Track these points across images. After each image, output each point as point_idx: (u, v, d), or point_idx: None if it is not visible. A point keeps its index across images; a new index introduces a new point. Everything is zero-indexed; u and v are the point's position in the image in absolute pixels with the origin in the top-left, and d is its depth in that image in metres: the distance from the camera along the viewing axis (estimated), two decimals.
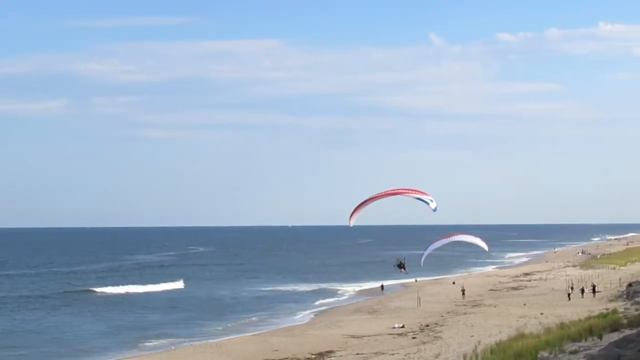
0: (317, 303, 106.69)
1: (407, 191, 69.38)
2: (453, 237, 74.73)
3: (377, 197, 70.69)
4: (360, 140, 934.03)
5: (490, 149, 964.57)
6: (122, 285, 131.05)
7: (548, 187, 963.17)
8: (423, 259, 78.14)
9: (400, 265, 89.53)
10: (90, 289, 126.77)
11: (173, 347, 70.44)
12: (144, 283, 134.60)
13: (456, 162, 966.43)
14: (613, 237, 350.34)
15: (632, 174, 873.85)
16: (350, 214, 70.89)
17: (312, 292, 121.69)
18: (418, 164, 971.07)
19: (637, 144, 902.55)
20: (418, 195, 69.25)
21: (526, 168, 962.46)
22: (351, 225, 71.83)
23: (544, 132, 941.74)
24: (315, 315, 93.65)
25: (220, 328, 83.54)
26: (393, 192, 70.21)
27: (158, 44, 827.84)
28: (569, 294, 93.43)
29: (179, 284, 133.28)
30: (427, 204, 71.23)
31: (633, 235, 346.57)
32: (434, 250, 77.04)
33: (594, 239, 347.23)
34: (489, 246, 78.05)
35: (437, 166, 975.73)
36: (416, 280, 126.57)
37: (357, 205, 70.58)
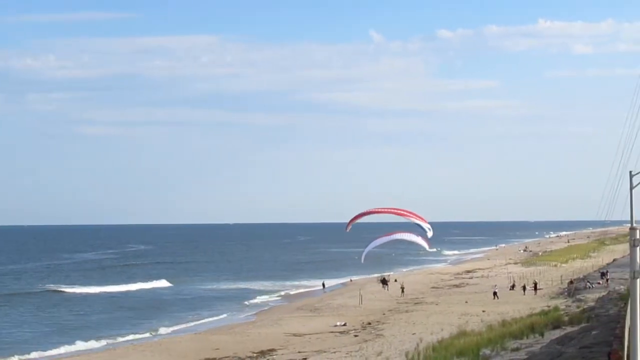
0: (258, 301, 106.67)
1: (409, 214, 70.04)
2: (394, 235, 75.03)
3: (377, 211, 71.24)
4: (301, 137, 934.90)
5: (431, 146, 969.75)
6: (64, 285, 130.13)
7: (489, 184, 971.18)
8: (363, 256, 78.43)
9: (384, 281, 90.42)
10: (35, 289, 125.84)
11: (112, 347, 70.12)
12: (87, 283, 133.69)
13: (397, 159, 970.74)
14: (555, 235, 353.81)
15: (572, 171, 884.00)
16: (349, 221, 71.56)
17: (254, 290, 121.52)
18: (359, 161, 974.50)
19: (578, 141, 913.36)
20: (418, 221, 69.95)
21: (467, 165, 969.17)
22: (347, 230, 72.74)
23: (483, 129, 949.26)
24: (256, 313, 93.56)
25: (161, 326, 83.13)
26: (395, 211, 70.87)
27: (94, 40, 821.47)
28: (494, 293, 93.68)
29: (121, 284, 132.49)
30: (425, 232, 72.04)
31: (575, 233, 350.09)
32: (374, 247, 77.32)
33: (535, 237, 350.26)
34: (430, 244, 78.48)
35: (378, 163, 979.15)
36: (351, 280, 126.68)
37: (357, 214, 71.23)
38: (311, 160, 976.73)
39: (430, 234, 72.96)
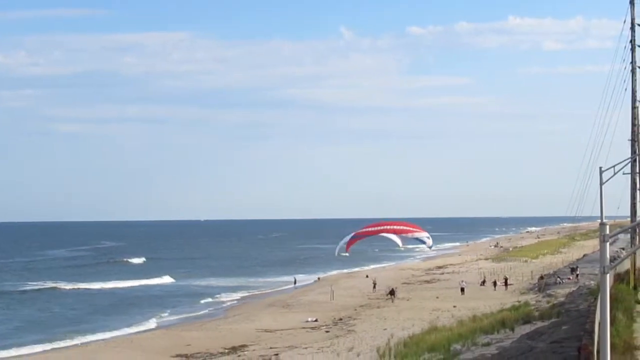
0: (230, 298, 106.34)
1: (406, 230, 70.20)
2: (362, 231, 74.96)
3: (375, 232, 71.34)
4: (272, 134, 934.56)
5: (403, 143, 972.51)
6: (35, 282, 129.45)
7: (460, 181, 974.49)
8: (337, 250, 78.37)
9: (392, 293, 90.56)
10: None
11: (83, 344, 69.65)
12: (58, 280, 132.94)
13: (368, 155, 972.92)
14: (525, 230, 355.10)
15: (544, 167, 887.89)
16: (346, 245, 71.61)
17: (225, 286, 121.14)
18: (333, 158, 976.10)
19: (549, 137, 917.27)
20: (416, 235, 70.12)
21: (438, 162, 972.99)
22: (347, 254, 72.95)
23: (455, 126, 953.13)
24: (228, 309, 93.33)
25: (132, 323, 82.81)
26: (392, 228, 70.99)
27: (66, 36, 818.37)
28: (462, 289, 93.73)
29: (93, 281, 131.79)
30: (424, 242, 72.26)
31: (545, 228, 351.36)
32: (345, 243, 77.21)
33: (506, 233, 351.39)
34: (402, 240, 78.48)
35: (349, 160, 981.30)
36: (319, 279, 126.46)
37: (354, 236, 71.33)
38: (285, 157, 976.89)
39: (430, 242, 73.36)
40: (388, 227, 72.73)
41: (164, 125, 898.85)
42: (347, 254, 75.25)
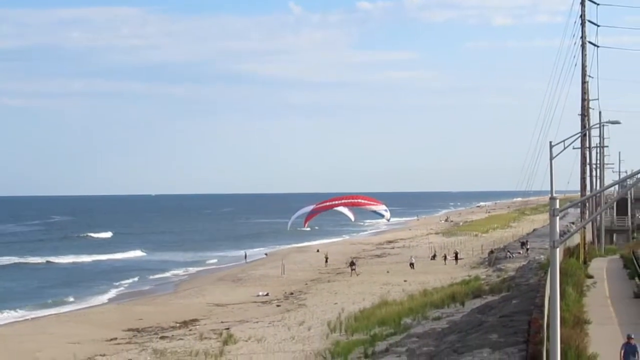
0: (180, 272, 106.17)
1: (363, 203, 70.27)
2: (319, 205, 75.03)
3: (332, 205, 71.31)
4: (221, 109, 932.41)
5: (353, 118, 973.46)
6: None
7: (410, 155, 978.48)
8: (290, 224, 78.42)
9: (352, 264, 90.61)
10: None
11: (34, 318, 69.25)
12: (8, 254, 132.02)
13: (316, 130, 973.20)
14: (475, 205, 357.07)
15: (494, 142, 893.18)
16: (305, 219, 71.52)
17: (175, 261, 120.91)
18: (282, 133, 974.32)
19: (498, 112, 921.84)
20: (374, 208, 70.22)
21: (389, 136, 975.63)
22: (305, 227, 72.84)
23: (405, 100, 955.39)
24: (178, 284, 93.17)
25: (83, 297, 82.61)
26: (349, 201, 71.03)
27: (10, 10, 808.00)
28: (411, 264, 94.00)
29: (45, 255, 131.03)
30: (382, 215, 72.37)
31: (495, 203, 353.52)
32: (298, 217, 77.28)
33: (457, 207, 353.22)
34: (358, 214, 78.72)
35: (297, 135, 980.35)
36: (266, 255, 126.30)
37: (312, 211, 71.23)
38: (234, 132, 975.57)
39: (388, 215, 73.61)
40: (345, 201, 72.88)
41: (111, 100, 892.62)
42: (307, 229, 75.53)
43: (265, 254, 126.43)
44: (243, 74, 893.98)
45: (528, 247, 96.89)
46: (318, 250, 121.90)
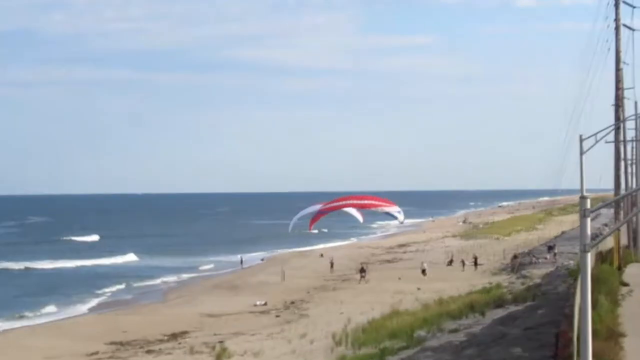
0: (170, 279, 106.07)
1: (375, 204, 70.05)
2: (326, 205, 74.86)
3: (340, 206, 71.15)
4: (214, 98, 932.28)
5: (358, 108, 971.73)
6: None
7: (424, 151, 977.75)
8: (291, 226, 78.31)
9: (362, 271, 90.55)
10: None
11: (1, 330, 69.10)
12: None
13: (322, 121, 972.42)
14: (497, 205, 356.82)
15: (516, 135, 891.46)
16: (310, 222, 71.37)
17: (166, 267, 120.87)
18: (279, 125, 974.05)
19: (521, 102, 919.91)
20: (386, 209, 70.00)
21: (397, 130, 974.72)
22: (311, 231, 72.60)
23: (416, 89, 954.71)
24: (168, 292, 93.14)
25: (63, 306, 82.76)
26: (360, 204, 70.82)
27: None
28: (423, 270, 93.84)
29: (21, 260, 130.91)
30: (396, 217, 72.21)
31: (519, 203, 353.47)
32: (300, 219, 77.18)
33: (475, 207, 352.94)
34: (362, 215, 78.50)
35: (298, 127, 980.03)
36: (262, 260, 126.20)
37: (318, 212, 71.06)
38: (228, 124, 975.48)
39: (401, 217, 73.43)
40: (355, 202, 72.66)
41: (94, 88, 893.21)
42: (315, 231, 75.34)
43: (262, 260, 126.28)
44: (240, 61, 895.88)
45: (556, 251, 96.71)
46: (322, 255, 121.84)
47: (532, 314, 41.52)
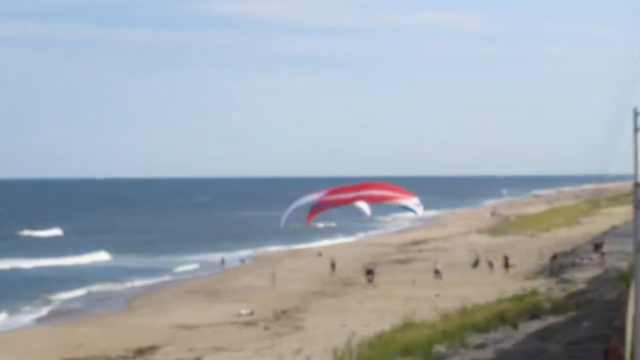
0: (137, 283, 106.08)
1: (389, 196, 69.68)
2: (327, 196, 74.64)
3: (347, 200, 70.72)
4: (192, 60, 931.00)
5: (363, 73, 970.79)
6: None
7: (442, 126, 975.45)
8: (284, 219, 78.10)
9: (369, 273, 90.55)
10: None
11: None
12: None
13: (318, 91, 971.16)
14: (533, 193, 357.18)
15: (553, 109, 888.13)
16: (309, 214, 71.03)
17: (131, 268, 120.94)
18: (268, 93, 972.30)
19: (560, 66, 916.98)
20: (403, 202, 69.64)
21: (412, 100, 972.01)
22: (310, 224, 72.21)
23: (432, 50, 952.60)
24: (134, 298, 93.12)
25: (9, 315, 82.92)
26: (369, 195, 70.37)
27: None
28: (436, 271, 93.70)
29: None
30: (414, 211, 71.92)
31: (559, 191, 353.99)
32: (295, 210, 77.05)
33: (506, 196, 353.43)
34: (370, 207, 78.38)
35: (294, 96, 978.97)
36: (243, 261, 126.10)
37: (318, 204, 70.67)
38: (210, 91, 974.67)
39: (420, 211, 73.03)
40: (365, 192, 72.26)
41: (47, 49, 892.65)
42: (321, 225, 75.17)
43: (242, 261, 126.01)
44: (222, 16, 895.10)
45: (604, 250, 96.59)
46: (320, 254, 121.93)
47: (576, 327, 41.51)
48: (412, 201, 72.75)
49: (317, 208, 72.96)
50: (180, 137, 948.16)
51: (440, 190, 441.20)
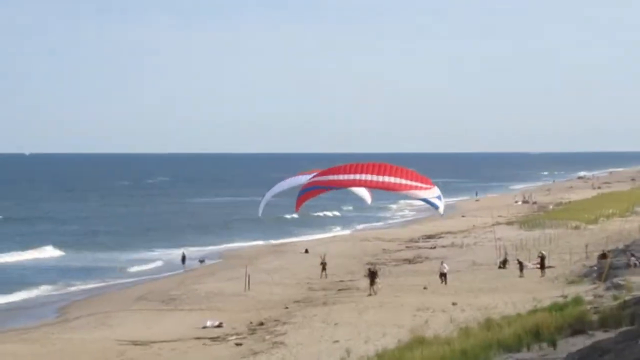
0: (74, 287, 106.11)
1: (403, 185, 69.40)
2: (317, 177, 74.56)
3: (347, 182, 70.57)
4: (141, 7, 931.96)
5: (369, 23, 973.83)
6: None
7: (466, 94, 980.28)
8: (261, 206, 78.25)
9: (372, 274, 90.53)
10: None
11: None
12: None
13: (310, 42, 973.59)
14: (577, 175, 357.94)
15: (598, 76, 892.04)
16: (297, 199, 70.99)
17: (67, 266, 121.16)
18: (238, 48, 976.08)
19: (605, 27, 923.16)
20: (420, 194, 69.41)
21: (430, 60, 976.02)
22: (296, 213, 72.43)
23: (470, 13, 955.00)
24: (69, 306, 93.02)
25: None
26: (376, 182, 70.15)
27: None
28: (442, 274, 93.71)
29: None
30: (435, 206, 71.94)
31: (609, 173, 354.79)
32: (277, 195, 77.16)
33: (541, 179, 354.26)
34: (371, 194, 78.41)
35: (275, 49, 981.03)
36: (201, 261, 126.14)
37: (309, 187, 70.67)
38: (164, 45, 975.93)
39: (442, 206, 73.16)
40: (370, 177, 71.96)
41: None
42: (323, 214, 75.58)
43: (201, 262, 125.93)
44: None
45: None
46: (307, 251, 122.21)
47: (631, 346, 41.35)
48: (432, 193, 72.72)
49: (308, 191, 73.06)
50: (120, 104, 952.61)
51: (459, 171, 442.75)
